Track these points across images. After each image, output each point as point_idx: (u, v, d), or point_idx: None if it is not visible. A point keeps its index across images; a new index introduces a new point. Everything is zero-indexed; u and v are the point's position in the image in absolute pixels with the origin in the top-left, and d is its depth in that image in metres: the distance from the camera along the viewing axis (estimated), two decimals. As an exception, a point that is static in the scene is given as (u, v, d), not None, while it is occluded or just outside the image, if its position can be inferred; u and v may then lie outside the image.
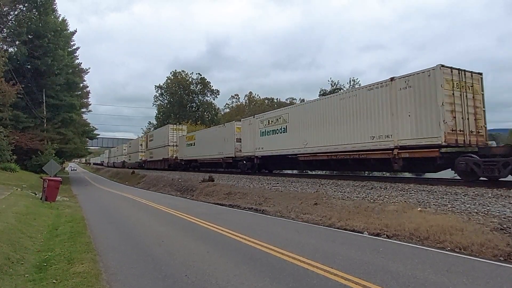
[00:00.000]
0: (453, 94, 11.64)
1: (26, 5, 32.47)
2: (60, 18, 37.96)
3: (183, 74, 71.22)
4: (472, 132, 11.92)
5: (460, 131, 11.64)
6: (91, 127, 57.57)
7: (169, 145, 39.03)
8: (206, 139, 30.15)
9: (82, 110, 50.17)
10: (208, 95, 71.70)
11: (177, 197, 19.67)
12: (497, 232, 6.67)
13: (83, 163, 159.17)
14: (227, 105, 76.18)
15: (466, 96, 11.91)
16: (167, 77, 72.44)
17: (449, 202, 8.90)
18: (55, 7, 35.46)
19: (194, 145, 33.15)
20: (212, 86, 71.77)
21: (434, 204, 8.92)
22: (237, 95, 76.49)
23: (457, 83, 11.77)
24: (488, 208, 7.95)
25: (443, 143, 11.34)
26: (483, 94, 12.44)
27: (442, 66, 11.64)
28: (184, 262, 6.04)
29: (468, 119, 11.86)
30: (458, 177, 12.89)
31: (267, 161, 22.48)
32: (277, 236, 8.13)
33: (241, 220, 10.84)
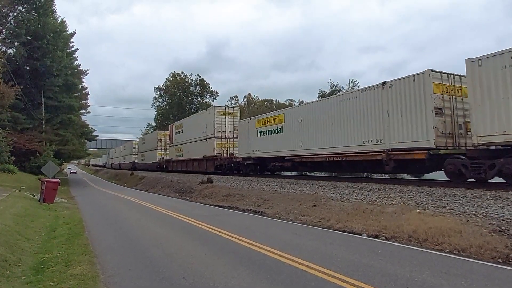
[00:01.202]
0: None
1: (25, 6, 32.40)
2: (59, 19, 37.97)
3: (182, 76, 71.28)
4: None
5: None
6: (90, 128, 57.53)
7: (216, 137, 28.51)
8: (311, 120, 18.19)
9: (81, 111, 50.13)
10: (207, 96, 71.74)
11: (175, 199, 19.64)
12: (496, 234, 6.66)
13: (82, 164, 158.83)
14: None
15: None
16: (166, 78, 72.53)
17: (447, 204, 8.90)
18: (54, 8, 35.45)
19: (278, 132, 20.44)
20: (211, 88, 71.86)
21: (432, 206, 8.92)
22: (236, 97, 76.57)
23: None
24: (486, 210, 7.95)
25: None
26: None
27: (432, 70, 12.03)
28: (182, 264, 6.02)
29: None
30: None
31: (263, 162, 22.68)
32: (276, 238, 8.12)
33: (240, 222, 10.82)
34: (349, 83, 43.96)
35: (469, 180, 11.24)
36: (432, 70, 12.00)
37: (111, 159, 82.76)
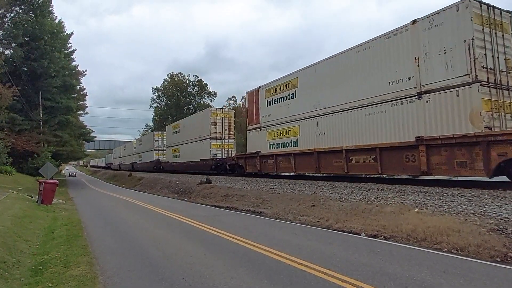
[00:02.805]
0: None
1: (22, 7, 32.36)
2: (57, 20, 37.96)
3: (180, 76, 71.27)
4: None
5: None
6: (88, 129, 57.42)
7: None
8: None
9: (79, 112, 50.06)
10: (205, 97, 71.74)
11: (174, 199, 19.62)
12: (494, 233, 6.69)
13: (80, 165, 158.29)
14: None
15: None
16: (164, 79, 72.56)
17: (445, 203, 8.93)
18: (51, 9, 35.43)
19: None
20: (209, 88, 71.87)
21: (431, 206, 8.95)
22: (234, 97, 76.44)
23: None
24: (484, 209, 7.98)
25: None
26: None
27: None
28: (181, 264, 6.02)
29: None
30: (454, 180, 12.97)
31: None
32: (275, 238, 8.13)
33: (239, 222, 10.82)
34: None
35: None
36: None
37: (118, 158, 72.68)
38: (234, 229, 9.14)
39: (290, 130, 19.20)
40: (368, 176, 16.70)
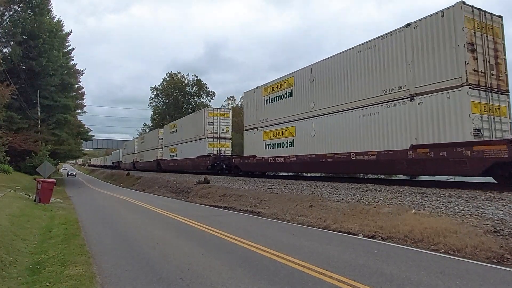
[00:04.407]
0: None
1: (21, 5, 32.23)
2: (56, 19, 37.81)
3: (178, 76, 71.14)
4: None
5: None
6: (86, 128, 57.25)
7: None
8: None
9: (77, 111, 49.89)
10: (204, 96, 71.64)
11: (172, 199, 19.61)
12: (491, 235, 6.72)
13: (78, 164, 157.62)
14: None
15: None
16: (162, 78, 72.38)
17: (443, 204, 8.96)
18: (50, 8, 35.32)
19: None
20: (208, 88, 71.76)
21: (428, 207, 8.98)
22: (233, 97, 76.34)
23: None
24: (481, 210, 8.01)
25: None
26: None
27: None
28: (179, 264, 6.02)
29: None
30: (451, 181, 13.03)
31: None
32: (272, 238, 8.14)
33: (237, 222, 10.83)
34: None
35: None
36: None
37: (130, 155, 58.75)
38: (232, 229, 9.15)
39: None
40: (366, 177, 16.80)
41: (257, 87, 22.54)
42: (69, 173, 64.00)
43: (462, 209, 8.33)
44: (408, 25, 12.61)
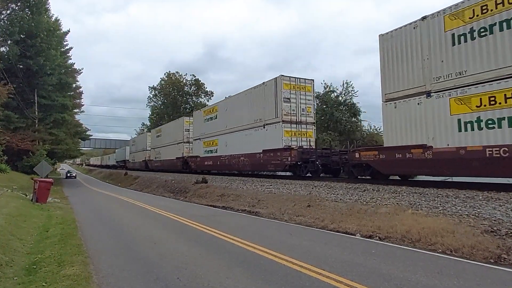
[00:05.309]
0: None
1: (18, 4, 32.14)
2: (53, 18, 37.72)
3: (177, 76, 71.01)
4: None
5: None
6: (84, 128, 57.09)
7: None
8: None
9: (75, 110, 49.76)
10: (202, 96, 71.54)
11: (170, 199, 19.58)
12: (488, 235, 6.74)
13: (77, 164, 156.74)
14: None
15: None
16: (161, 78, 72.16)
17: (440, 204, 8.98)
18: (48, 7, 35.20)
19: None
20: (206, 88, 71.62)
21: (425, 207, 8.99)
22: (199, 110, 75.90)
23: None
24: (478, 210, 8.03)
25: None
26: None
27: (282, 75, 18.85)
28: (176, 264, 6.00)
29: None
30: (450, 180, 13.06)
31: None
32: (270, 238, 8.13)
33: (234, 222, 10.81)
34: (343, 84, 43.83)
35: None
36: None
37: (140, 152, 49.50)
38: (230, 229, 9.13)
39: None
40: (364, 178, 16.81)
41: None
42: (68, 174, 56.64)
43: (460, 209, 8.35)
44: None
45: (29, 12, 31.96)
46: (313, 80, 20.19)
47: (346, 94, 41.76)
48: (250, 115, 21.57)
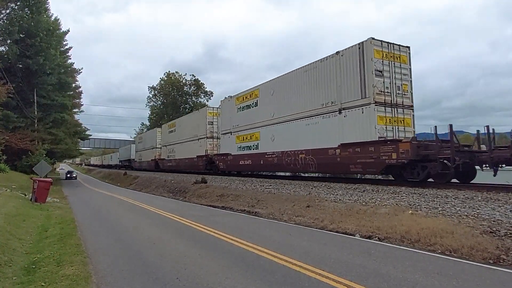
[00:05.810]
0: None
1: (18, 3, 32.06)
2: (53, 18, 37.63)
3: (176, 75, 71.01)
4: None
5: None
6: (83, 127, 57.06)
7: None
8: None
9: (74, 110, 49.72)
10: (202, 96, 71.53)
11: (169, 199, 19.56)
12: (487, 235, 6.74)
13: (76, 164, 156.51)
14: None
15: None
16: (160, 78, 72.12)
17: (439, 205, 8.99)
18: (47, 7, 35.14)
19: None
20: (206, 88, 71.61)
21: (425, 207, 9.00)
22: (231, 97, 76.34)
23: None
24: (478, 211, 8.04)
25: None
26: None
27: (373, 38, 13.81)
28: (175, 264, 6.00)
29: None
30: (448, 181, 13.06)
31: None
32: (269, 238, 8.13)
33: (234, 222, 10.81)
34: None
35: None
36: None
37: (156, 149, 42.34)
38: (229, 229, 9.13)
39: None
40: (363, 177, 16.85)
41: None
42: (68, 175, 50.65)
43: (459, 209, 8.36)
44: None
45: (29, 12, 31.88)
46: (409, 47, 14.86)
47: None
48: (314, 98, 16.47)
